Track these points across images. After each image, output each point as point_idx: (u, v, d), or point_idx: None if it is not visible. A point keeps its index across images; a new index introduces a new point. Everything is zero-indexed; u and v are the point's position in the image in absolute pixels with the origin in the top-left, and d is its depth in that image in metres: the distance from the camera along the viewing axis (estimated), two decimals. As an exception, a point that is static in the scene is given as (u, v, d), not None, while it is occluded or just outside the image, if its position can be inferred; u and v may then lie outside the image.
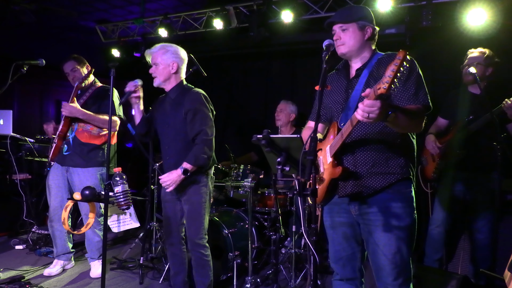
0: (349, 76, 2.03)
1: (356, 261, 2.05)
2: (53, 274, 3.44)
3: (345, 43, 1.94)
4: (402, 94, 1.83)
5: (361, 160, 1.89)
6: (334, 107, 2.05)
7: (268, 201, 3.61)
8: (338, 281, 2.10)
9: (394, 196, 1.87)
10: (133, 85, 2.67)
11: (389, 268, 1.86)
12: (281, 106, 4.12)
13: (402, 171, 1.88)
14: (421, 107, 1.82)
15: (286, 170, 2.08)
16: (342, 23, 1.94)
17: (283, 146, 1.89)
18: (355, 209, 1.95)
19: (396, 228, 1.84)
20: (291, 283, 3.22)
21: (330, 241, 2.10)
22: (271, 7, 4.24)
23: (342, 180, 1.92)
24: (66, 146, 3.36)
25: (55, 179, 3.42)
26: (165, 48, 2.69)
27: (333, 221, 2.06)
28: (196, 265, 2.78)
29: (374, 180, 1.87)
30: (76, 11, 4.68)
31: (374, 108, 1.53)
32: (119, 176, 2.37)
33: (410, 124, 1.79)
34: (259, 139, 1.90)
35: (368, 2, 3.81)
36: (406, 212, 1.87)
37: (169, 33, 4.80)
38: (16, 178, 4.35)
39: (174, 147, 2.74)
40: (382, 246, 1.86)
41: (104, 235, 2.43)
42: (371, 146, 1.88)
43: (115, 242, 4.44)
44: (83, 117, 3.23)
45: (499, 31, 3.34)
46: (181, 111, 2.68)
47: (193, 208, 2.71)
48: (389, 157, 1.87)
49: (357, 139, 1.90)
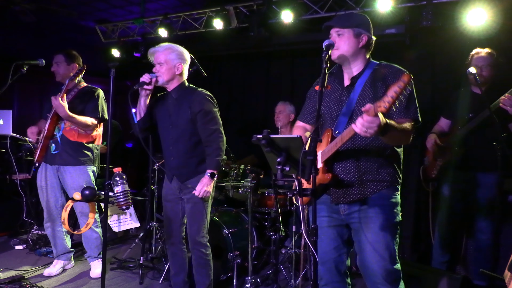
0: (343, 83, 2.05)
1: (343, 263, 2.06)
2: (53, 274, 3.43)
3: (339, 48, 1.96)
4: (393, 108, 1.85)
5: (353, 168, 1.95)
6: (327, 112, 2.06)
7: (268, 201, 3.61)
8: (325, 286, 2.07)
9: (382, 199, 1.94)
10: (149, 76, 2.66)
11: (377, 267, 1.90)
12: (280, 107, 4.13)
13: (392, 179, 1.96)
14: (411, 121, 1.89)
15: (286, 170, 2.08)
16: (339, 28, 1.96)
17: (283, 146, 1.89)
18: (344, 208, 1.99)
19: (383, 227, 1.90)
20: (291, 283, 3.22)
21: (318, 242, 2.09)
22: (271, 7, 4.24)
23: (334, 187, 1.96)
24: (54, 145, 3.32)
25: (47, 179, 3.38)
26: (171, 48, 2.70)
27: (321, 221, 2.06)
28: (196, 265, 2.78)
29: (365, 188, 1.93)
30: (76, 11, 4.69)
31: (373, 125, 1.60)
32: (119, 176, 2.37)
33: (401, 138, 1.89)
34: (259, 139, 1.90)
35: (368, 2, 3.81)
36: (392, 213, 1.95)
37: (169, 33, 4.80)
38: (16, 178, 4.35)
39: (177, 147, 2.74)
40: (370, 244, 1.91)
41: (104, 235, 2.43)
42: (364, 156, 1.94)
43: (115, 242, 4.43)
44: (65, 118, 3.17)
45: (499, 31, 3.34)
46: (187, 111, 2.69)
47: (195, 207, 2.72)
48: (380, 166, 1.94)
49: (350, 148, 1.95)
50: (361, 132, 1.63)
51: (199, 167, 2.73)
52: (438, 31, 3.67)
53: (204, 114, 2.68)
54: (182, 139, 2.73)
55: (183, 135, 2.72)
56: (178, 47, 2.74)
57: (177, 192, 2.79)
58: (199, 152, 2.74)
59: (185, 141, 2.72)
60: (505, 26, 3.32)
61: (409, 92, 1.83)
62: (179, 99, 2.74)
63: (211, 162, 2.68)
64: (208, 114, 2.70)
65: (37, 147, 3.34)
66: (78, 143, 3.33)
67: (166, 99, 2.81)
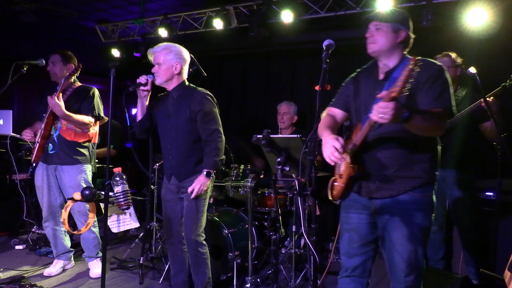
0: (377, 77, 2.03)
1: (368, 261, 2.06)
2: (53, 274, 3.43)
3: (376, 42, 1.95)
4: (425, 98, 1.86)
5: (386, 163, 1.91)
6: (361, 106, 2.04)
7: (268, 201, 3.61)
8: (345, 278, 2.09)
9: (416, 198, 1.90)
10: (145, 78, 2.66)
11: (403, 266, 1.90)
12: (284, 108, 4.09)
13: (426, 176, 1.90)
14: (441, 110, 1.84)
15: (286, 170, 2.09)
16: (378, 22, 1.96)
17: (283, 146, 1.90)
18: (374, 206, 1.97)
19: (413, 229, 1.88)
20: (291, 283, 3.22)
21: (345, 236, 2.09)
22: (271, 7, 4.24)
23: (365, 181, 1.95)
24: (51, 145, 3.32)
25: (44, 179, 3.38)
26: (169, 48, 2.69)
27: (350, 216, 2.06)
28: (192, 263, 2.78)
29: (399, 184, 1.90)
30: (76, 11, 4.69)
31: (387, 109, 1.60)
32: (119, 176, 2.37)
33: (429, 127, 1.81)
34: (259, 139, 1.91)
35: (368, 2, 3.81)
36: (425, 215, 1.91)
37: (169, 33, 4.80)
38: (16, 178, 4.35)
39: (176, 146, 2.74)
40: (398, 245, 1.90)
41: (104, 235, 2.43)
42: (397, 150, 1.90)
43: (115, 242, 4.43)
44: (62, 117, 3.17)
45: (499, 31, 3.34)
46: (186, 110, 2.69)
47: (192, 205, 2.71)
48: (415, 161, 1.90)
49: (380, 140, 1.92)
50: (377, 118, 1.64)
51: (197, 167, 2.72)
52: (438, 31, 3.67)
53: (204, 113, 2.69)
54: (181, 138, 2.73)
55: (182, 134, 2.72)
56: (177, 46, 2.73)
57: (175, 192, 2.79)
58: (197, 152, 2.74)
59: (184, 140, 2.72)
60: (505, 26, 3.32)
61: (441, 82, 1.86)
62: (179, 98, 2.74)
63: (208, 161, 2.69)
64: (208, 114, 2.70)
65: (34, 147, 3.34)
66: (75, 143, 3.32)
67: (166, 99, 2.81)
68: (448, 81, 1.89)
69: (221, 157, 2.72)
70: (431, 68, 1.89)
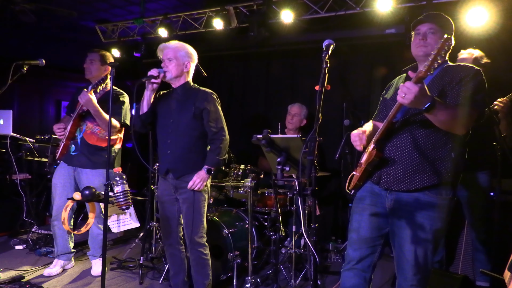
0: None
1: (373, 255, 2.06)
2: (53, 274, 3.43)
3: (428, 45, 1.95)
4: (456, 96, 1.86)
5: (408, 156, 1.92)
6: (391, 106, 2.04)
7: (268, 201, 3.61)
8: (348, 271, 2.08)
9: (432, 199, 1.89)
10: (157, 71, 2.66)
11: (411, 264, 1.90)
12: (295, 109, 4.07)
13: (447, 175, 1.88)
14: (468, 108, 1.82)
15: (286, 170, 2.08)
16: (435, 25, 1.97)
17: (283, 146, 1.89)
18: (390, 200, 1.97)
19: (425, 229, 1.87)
20: (291, 283, 3.22)
21: (355, 227, 2.09)
22: (271, 7, 4.24)
23: (386, 171, 1.96)
24: (74, 146, 3.36)
25: (61, 178, 3.41)
26: (182, 46, 2.75)
27: (363, 208, 2.06)
28: (195, 265, 2.78)
29: (418, 178, 1.89)
30: (76, 11, 4.68)
31: (412, 90, 1.62)
32: (119, 176, 2.37)
33: (451, 121, 1.78)
34: (259, 139, 1.91)
35: (368, 2, 3.81)
36: (439, 217, 1.89)
37: (169, 33, 4.80)
38: (16, 178, 4.35)
39: (176, 142, 2.74)
40: (408, 243, 1.89)
41: (104, 235, 2.43)
42: (421, 144, 1.90)
43: (115, 242, 4.43)
44: (93, 112, 3.17)
45: (499, 31, 3.34)
46: (191, 106, 2.71)
47: (191, 207, 2.72)
48: (438, 158, 1.89)
49: (408, 135, 1.92)
50: (400, 98, 1.65)
51: (196, 164, 2.73)
52: (438, 31, 3.67)
53: (209, 112, 2.72)
54: (182, 133, 2.73)
55: (184, 130, 2.73)
56: (188, 46, 2.79)
57: (172, 192, 2.79)
58: (197, 149, 2.75)
59: (186, 136, 2.73)
60: (505, 26, 3.33)
61: (474, 83, 1.84)
62: (184, 95, 2.77)
63: (210, 158, 2.72)
64: (213, 112, 2.74)
65: (59, 144, 3.37)
66: (97, 147, 3.35)
67: (170, 96, 2.82)
68: (482, 84, 1.87)
69: (223, 157, 2.75)
70: (467, 70, 1.89)
